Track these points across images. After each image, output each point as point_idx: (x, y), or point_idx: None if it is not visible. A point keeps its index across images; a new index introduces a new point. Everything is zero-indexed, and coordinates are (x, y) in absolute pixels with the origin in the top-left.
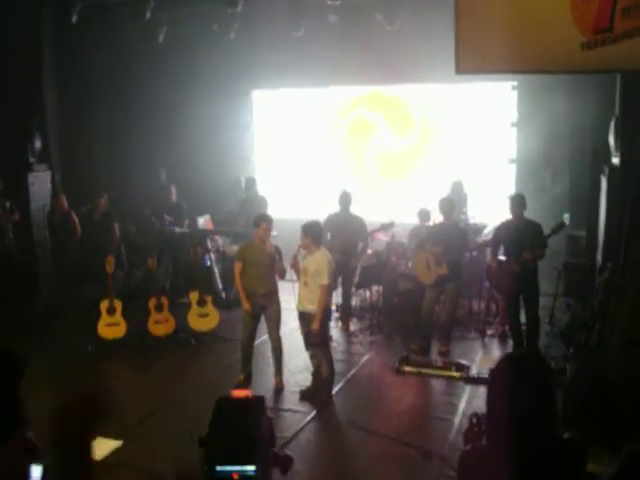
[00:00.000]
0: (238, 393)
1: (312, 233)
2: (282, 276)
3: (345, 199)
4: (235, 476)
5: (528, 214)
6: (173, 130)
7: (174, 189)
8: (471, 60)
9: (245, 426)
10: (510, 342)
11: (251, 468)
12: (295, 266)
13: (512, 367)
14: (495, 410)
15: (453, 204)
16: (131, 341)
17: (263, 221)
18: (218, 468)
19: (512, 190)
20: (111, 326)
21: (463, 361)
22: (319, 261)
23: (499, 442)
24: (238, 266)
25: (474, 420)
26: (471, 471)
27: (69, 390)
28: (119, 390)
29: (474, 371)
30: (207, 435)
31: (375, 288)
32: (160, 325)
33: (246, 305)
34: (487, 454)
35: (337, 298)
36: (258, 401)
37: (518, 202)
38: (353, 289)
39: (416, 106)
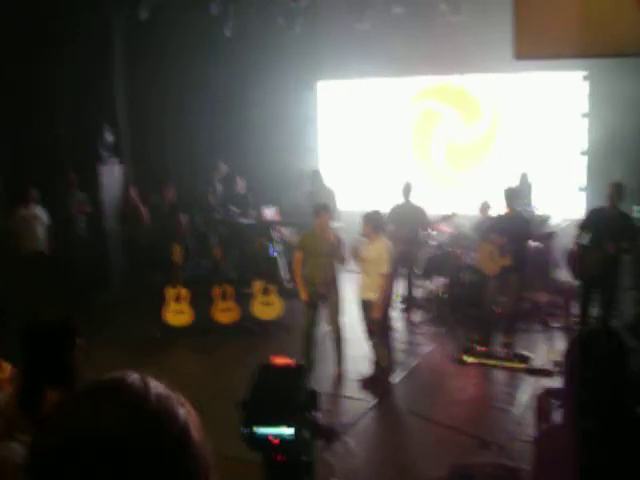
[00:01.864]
0: (279, 360)
1: (373, 221)
2: (342, 264)
3: (407, 190)
4: (272, 438)
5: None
6: (239, 122)
7: (240, 180)
8: (530, 44)
9: (285, 391)
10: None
11: (290, 431)
12: (356, 255)
13: (585, 340)
14: (571, 386)
15: (516, 193)
16: (197, 329)
17: (323, 210)
18: (255, 430)
19: (583, 182)
20: (178, 313)
21: (526, 352)
22: (379, 249)
23: (575, 419)
24: (298, 256)
25: (544, 397)
26: (550, 451)
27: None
28: (182, 374)
29: (537, 363)
30: (247, 399)
31: (439, 279)
32: (225, 313)
33: (303, 294)
34: (564, 432)
35: (401, 289)
36: (299, 369)
37: (616, 190)
38: (417, 280)
39: (484, 97)
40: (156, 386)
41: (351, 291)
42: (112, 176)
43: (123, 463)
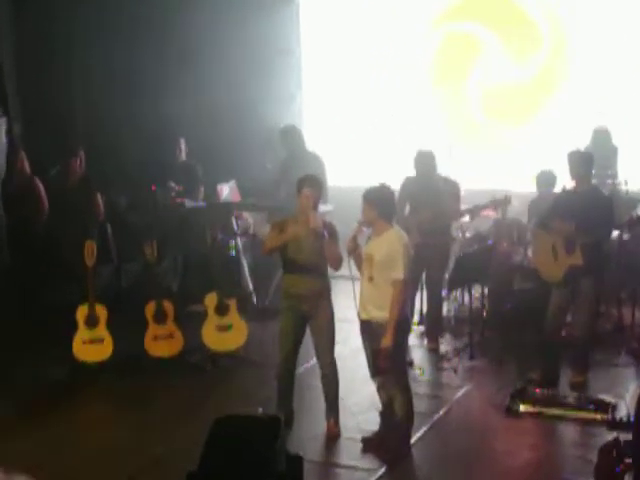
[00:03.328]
0: (242, 413)
1: (380, 203)
2: (336, 265)
3: (424, 159)
4: None
5: None
6: (181, 56)
7: (184, 144)
8: None
9: (253, 459)
10: None
11: None
12: (355, 252)
13: None
14: None
15: (591, 160)
16: (120, 366)
17: (306, 185)
18: None
19: None
20: (92, 344)
21: (607, 397)
22: (391, 245)
23: None
24: (271, 233)
25: (609, 451)
26: None
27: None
28: (98, 437)
29: (623, 412)
30: (196, 472)
31: (477, 289)
32: (162, 343)
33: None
34: None
35: (421, 304)
36: (273, 425)
37: None
38: (444, 290)
39: (545, 15)
40: None
41: (348, 307)
42: None
43: None
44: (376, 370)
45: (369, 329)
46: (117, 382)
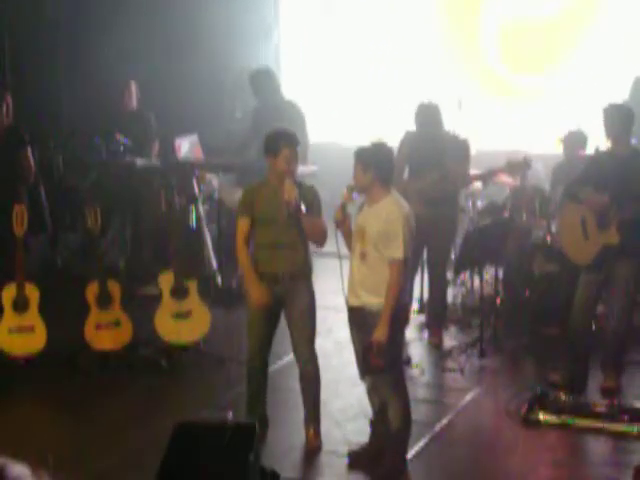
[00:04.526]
0: (205, 419)
1: (376, 164)
2: (319, 241)
3: (428, 111)
4: None
5: None
6: None
7: (134, 88)
8: None
9: (219, 473)
10: None
11: None
12: (344, 225)
13: None
14: None
15: (631, 117)
16: (56, 360)
17: (284, 143)
18: None
19: None
20: (21, 333)
21: None
22: (388, 215)
23: None
24: (243, 225)
25: None
26: None
27: None
28: (32, 455)
29: None
30: None
31: (489, 271)
32: (107, 332)
33: (256, 293)
34: None
35: (421, 288)
36: (244, 434)
37: None
38: (449, 273)
39: None
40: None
41: (333, 291)
42: None
43: None
44: (367, 368)
45: (359, 318)
46: (51, 381)
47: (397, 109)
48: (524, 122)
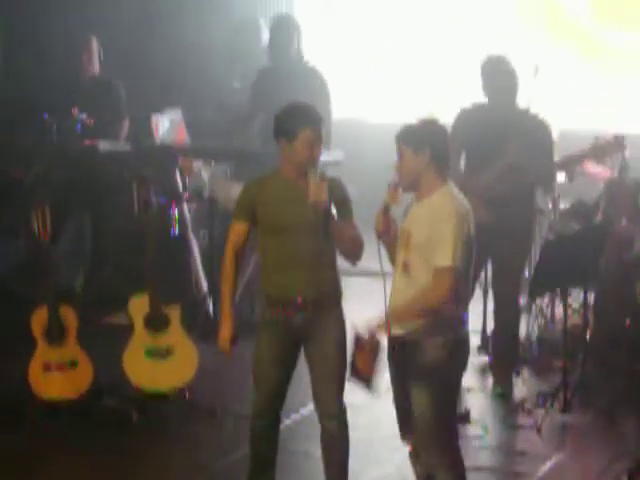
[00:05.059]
0: None
1: (431, 142)
2: (352, 255)
3: (500, 75)
4: None
5: None
6: None
7: (96, 48)
8: None
9: None
10: None
11: None
12: (388, 234)
13: None
14: None
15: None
16: None
17: (304, 122)
18: None
19: None
20: None
21: None
22: (437, 211)
23: None
24: (237, 231)
25: None
26: None
27: None
28: None
29: None
30: None
31: (576, 295)
32: (58, 375)
33: (224, 331)
34: None
35: (484, 318)
36: None
37: None
38: (522, 297)
39: None
40: None
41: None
42: None
43: None
44: (406, 424)
45: (400, 352)
46: None
47: (447, 79)
48: (617, 95)
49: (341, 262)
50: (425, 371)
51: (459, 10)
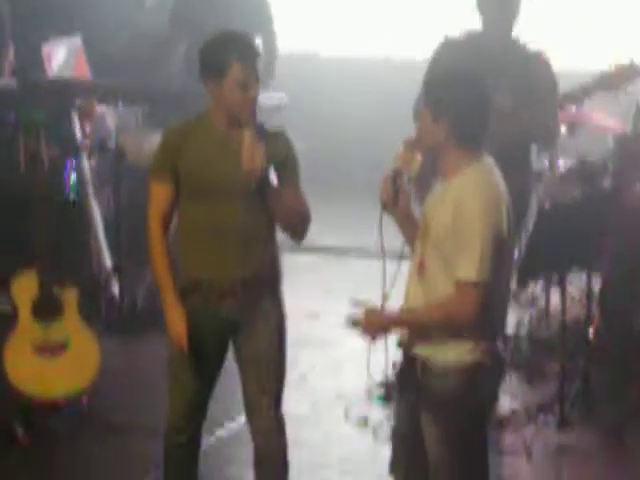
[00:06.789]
0: None
1: (454, 107)
2: (298, 227)
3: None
4: None
5: None
6: None
7: None
8: None
9: None
10: None
11: None
12: (396, 206)
13: None
14: None
15: None
16: None
17: (235, 56)
18: None
19: None
20: None
21: None
22: (461, 201)
23: None
24: (160, 196)
25: None
26: None
27: None
28: None
29: None
30: None
31: (577, 281)
32: None
33: (176, 324)
34: None
35: None
36: None
37: None
38: (511, 283)
39: None
40: None
41: (311, 312)
42: None
43: None
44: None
45: (411, 374)
46: None
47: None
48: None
49: (338, 240)
50: (441, 401)
51: None
